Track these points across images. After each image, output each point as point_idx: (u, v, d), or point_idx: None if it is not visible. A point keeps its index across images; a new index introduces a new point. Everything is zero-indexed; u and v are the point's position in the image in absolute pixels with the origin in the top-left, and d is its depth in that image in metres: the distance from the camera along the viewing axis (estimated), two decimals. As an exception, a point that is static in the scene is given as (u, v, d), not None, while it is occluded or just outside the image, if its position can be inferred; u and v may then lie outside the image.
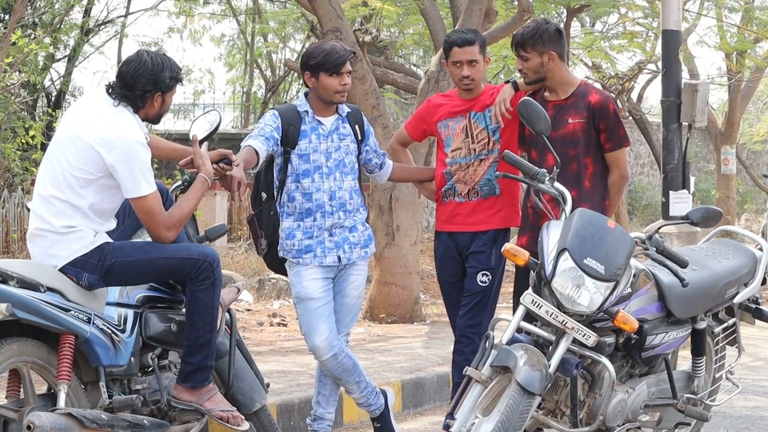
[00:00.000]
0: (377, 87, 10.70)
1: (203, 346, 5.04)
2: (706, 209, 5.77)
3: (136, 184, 4.85)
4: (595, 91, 5.93)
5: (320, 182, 5.77)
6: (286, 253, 5.81)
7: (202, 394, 5.08)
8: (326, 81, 5.74)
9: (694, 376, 5.72)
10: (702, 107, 10.15)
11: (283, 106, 5.92)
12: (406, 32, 16.44)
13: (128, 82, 4.94)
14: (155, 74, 4.94)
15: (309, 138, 5.79)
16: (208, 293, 5.03)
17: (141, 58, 4.96)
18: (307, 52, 5.82)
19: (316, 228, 5.78)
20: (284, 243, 5.82)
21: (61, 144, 4.95)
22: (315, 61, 5.73)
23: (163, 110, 5.08)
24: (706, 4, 18.16)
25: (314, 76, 5.76)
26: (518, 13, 10.41)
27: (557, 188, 5.29)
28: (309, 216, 5.78)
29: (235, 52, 27.89)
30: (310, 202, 5.77)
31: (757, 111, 32.23)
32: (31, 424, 4.52)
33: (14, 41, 12.84)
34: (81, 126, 4.92)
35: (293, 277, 5.80)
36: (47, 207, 4.91)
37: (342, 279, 5.86)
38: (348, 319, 5.89)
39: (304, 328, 5.76)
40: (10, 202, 13.02)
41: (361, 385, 5.84)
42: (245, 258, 14.28)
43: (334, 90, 5.75)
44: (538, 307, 4.97)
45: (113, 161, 4.82)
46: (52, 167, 4.94)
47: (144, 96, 4.95)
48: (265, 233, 5.87)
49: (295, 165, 5.76)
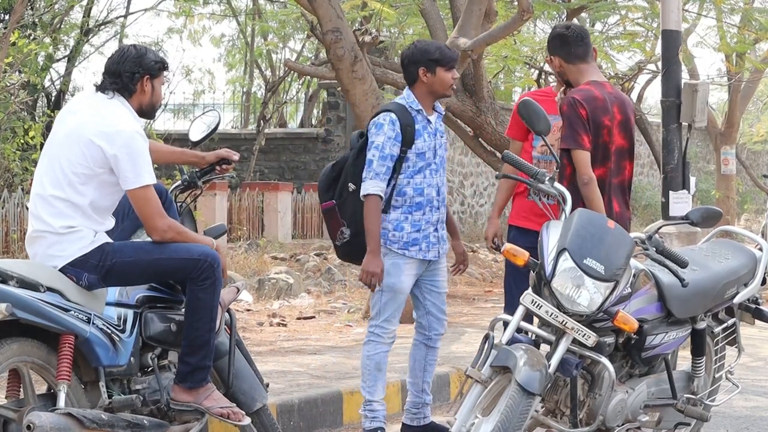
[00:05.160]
0: (377, 87, 10.70)
1: (201, 347, 5.04)
2: (706, 209, 5.77)
3: (138, 174, 4.87)
4: (574, 91, 5.91)
5: (430, 178, 6.03)
6: (391, 244, 5.96)
7: (200, 394, 5.07)
8: (443, 75, 6.01)
9: (693, 376, 5.72)
10: (702, 107, 10.14)
11: (396, 107, 6.06)
12: (406, 33, 16.43)
13: (115, 71, 5.01)
14: (139, 57, 5.02)
15: (423, 137, 6.02)
16: (208, 293, 5.03)
17: (123, 48, 5.08)
18: (421, 48, 6.06)
19: (424, 221, 6.00)
20: (390, 234, 5.98)
21: (59, 143, 4.95)
22: (433, 57, 6.00)
23: (155, 99, 5.09)
24: (706, 4, 18.16)
25: (430, 71, 5.99)
26: (518, 13, 10.39)
27: (557, 188, 5.30)
28: (419, 210, 6.00)
29: (235, 52, 27.92)
30: (421, 197, 6.01)
31: (757, 111, 32.25)
32: (31, 424, 4.51)
33: (14, 41, 12.85)
34: (79, 123, 4.94)
35: (392, 267, 5.95)
36: (46, 208, 4.91)
37: (433, 273, 6.12)
38: (444, 314, 6.19)
39: (385, 315, 5.99)
40: (10, 202, 13.02)
41: None
42: (245, 258, 14.28)
43: (449, 84, 6.04)
44: (538, 307, 4.98)
45: (115, 152, 4.84)
46: (51, 167, 4.94)
47: (133, 78, 5.00)
48: (349, 223, 6.00)
49: (411, 162, 5.99)
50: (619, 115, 5.90)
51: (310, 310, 11.32)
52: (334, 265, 14.29)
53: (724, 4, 16.27)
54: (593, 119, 5.80)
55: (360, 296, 11.98)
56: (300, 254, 15.35)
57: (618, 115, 5.90)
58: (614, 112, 5.88)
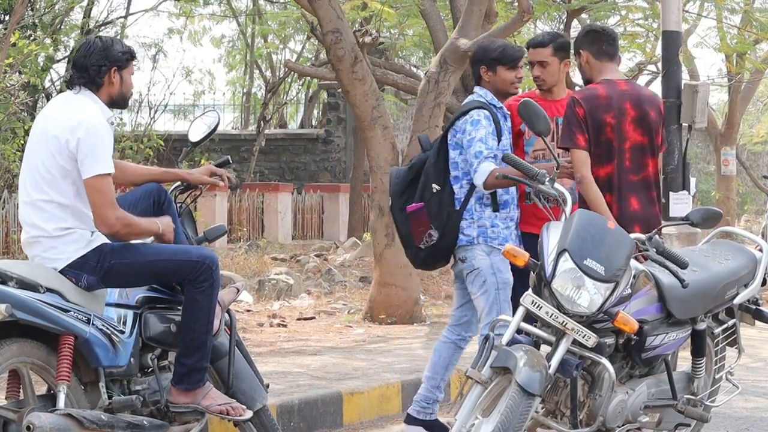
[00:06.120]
0: (377, 88, 10.71)
1: (198, 348, 5.03)
2: (706, 210, 5.76)
3: (95, 161, 4.81)
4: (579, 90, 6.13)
5: None
6: (491, 241, 6.00)
7: (198, 394, 5.07)
8: (504, 74, 6.09)
9: (694, 377, 5.72)
10: (702, 108, 10.14)
11: (483, 102, 6.09)
12: (406, 33, 16.44)
13: (82, 64, 4.98)
14: (105, 49, 4.98)
15: (504, 133, 6.08)
16: (206, 295, 5.02)
17: (89, 41, 5.04)
18: (483, 47, 6.21)
19: (509, 219, 6.08)
20: (488, 231, 6.02)
21: (33, 148, 4.97)
22: (494, 55, 6.08)
23: (125, 89, 5.06)
24: (706, 5, 18.17)
25: (491, 69, 6.09)
26: (518, 14, 10.39)
27: (557, 189, 5.29)
28: (506, 207, 6.07)
29: (235, 53, 27.93)
30: (508, 195, 6.09)
31: (757, 112, 32.25)
32: (31, 424, 4.51)
33: (14, 42, 12.85)
34: (46, 123, 4.95)
35: (500, 263, 5.96)
36: (37, 213, 4.91)
37: None
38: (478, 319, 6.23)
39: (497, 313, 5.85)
40: (10, 203, 13.04)
41: None
42: (245, 259, 14.28)
43: (511, 82, 6.11)
44: (538, 308, 4.97)
45: (76, 142, 4.81)
46: (30, 172, 4.95)
47: (100, 71, 4.97)
48: (436, 225, 5.98)
49: (499, 160, 5.93)
50: (633, 111, 5.92)
51: (310, 310, 11.31)
52: (334, 265, 14.29)
53: (724, 4, 16.28)
54: (592, 117, 5.82)
55: (360, 297, 11.98)
56: (300, 255, 15.35)
57: (632, 111, 5.91)
58: (625, 108, 5.90)
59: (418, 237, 6.04)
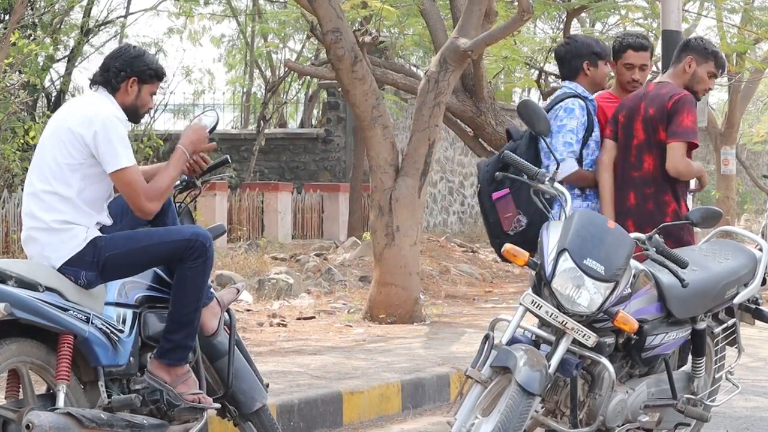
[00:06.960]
0: (377, 87, 10.70)
1: (186, 325, 5.04)
2: (706, 210, 5.76)
3: (115, 155, 4.87)
4: None
5: None
6: None
7: (178, 376, 5.07)
8: (603, 68, 6.27)
9: (693, 376, 5.71)
10: (702, 108, 10.15)
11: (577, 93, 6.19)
12: (406, 33, 16.44)
13: (107, 64, 5.05)
14: (133, 57, 5.04)
15: (597, 126, 6.19)
16: (198, 272, 5.03)
17: (124, 45, 5.12)
18: (584, 42, 6.35)
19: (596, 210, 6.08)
20: None
21: (45, 143, 5.01)
22: (595, 50, 6.26)
23: (139, 103, 5.09)
24: (706, 4, 18.17)
25: (593, 64, 6.24)
26: (518, 13, 10.39)
27: (557, 188, 5.30)
28: (589, 201, 6.14)
29: (235, 53, 27.93)
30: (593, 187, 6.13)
31: (757, 111, 32.27)
32: (30, 423, 4.51)
33: (14, 42, 12.85)
34: (61, 118, 5.00)
35: None
36: (37, 203, 4.93)
37: None
38: None
39: None
40: (10, 203, 13.03)
41: None
42: (245, 258, 14.27)
43: (606, 76, 6.32)
44: (538, 307, 4.97)
45: (93, 136, 4.85)
46: (38, 165, 4.99)
47: (118, 75, 5.01)
48: (524, 211, 6.02)
49: (591, 150, 6.13)
50: (644, 111, 6.09)
51: (310, 310, 11.31)
52: (334, 265, 14.30)
53: (724, 4, 16.28)
54: (614, 116, 6.19)
55: (360, 297, 11.98)
56: (300, 254, 15.35)
57: (643, 111, 6.09)
58: (640, 107, 6.09)
59: (506, 223, 6.06)
